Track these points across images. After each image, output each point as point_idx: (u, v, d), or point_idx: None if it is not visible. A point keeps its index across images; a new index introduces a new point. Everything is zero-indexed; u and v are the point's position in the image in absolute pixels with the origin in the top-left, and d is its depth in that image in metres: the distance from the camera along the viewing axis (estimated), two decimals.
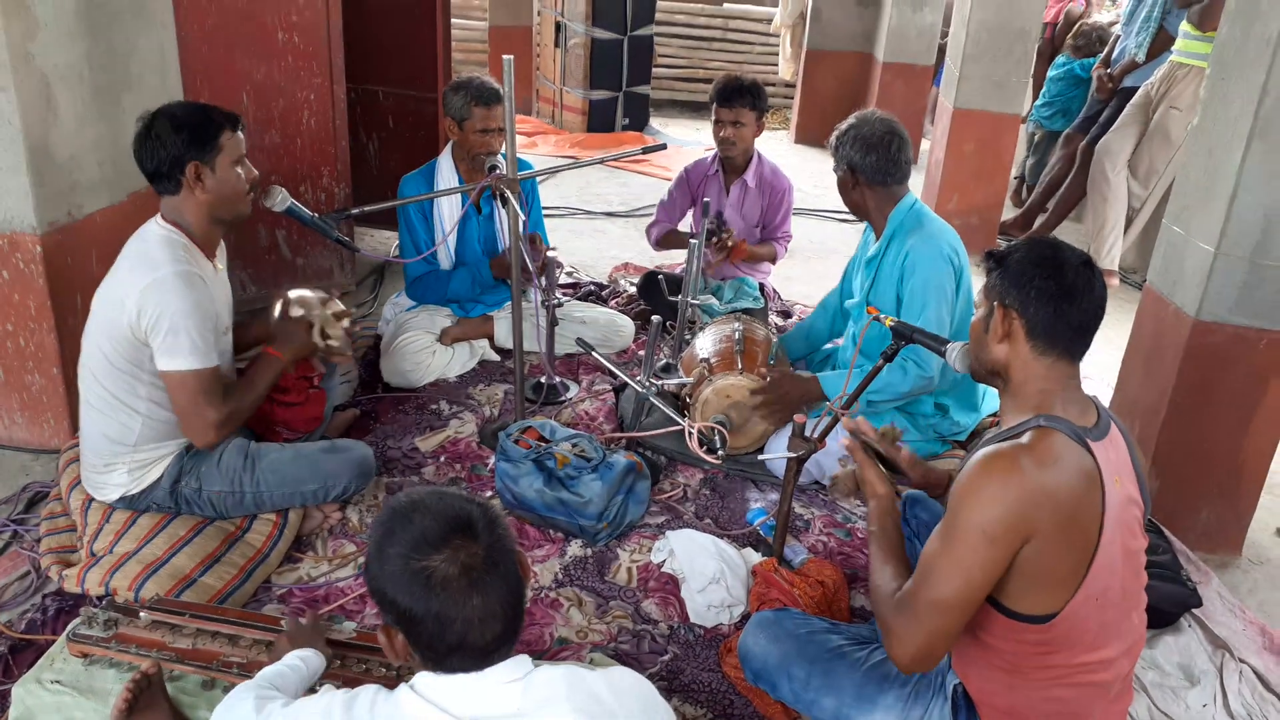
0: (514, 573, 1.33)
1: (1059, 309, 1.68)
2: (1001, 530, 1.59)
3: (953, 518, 1.65)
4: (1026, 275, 1.71)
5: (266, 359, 2.51)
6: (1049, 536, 1.60)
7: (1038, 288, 1.70)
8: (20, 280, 2.77)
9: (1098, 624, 1.68)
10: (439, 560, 1.27)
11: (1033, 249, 1.75)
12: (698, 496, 2.95)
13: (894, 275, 2.88)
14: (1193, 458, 2.91)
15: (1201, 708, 2.34)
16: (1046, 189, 5.97)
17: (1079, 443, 1.64)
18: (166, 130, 2.29)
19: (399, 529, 1.31)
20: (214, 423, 2.36)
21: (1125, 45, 5.47)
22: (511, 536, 1.36)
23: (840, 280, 3.35)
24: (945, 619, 1.64)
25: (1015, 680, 1.75)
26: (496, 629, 1.30)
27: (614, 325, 3.82)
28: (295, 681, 1.64)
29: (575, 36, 7.58)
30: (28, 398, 2.92)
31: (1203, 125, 2.82)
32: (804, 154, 7.91)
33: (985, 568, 1.61)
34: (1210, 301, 2.75)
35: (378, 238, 4.99)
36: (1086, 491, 1.62)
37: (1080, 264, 1.70)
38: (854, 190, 2.94)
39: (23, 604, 2.34)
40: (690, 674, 2.26)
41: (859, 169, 2.88)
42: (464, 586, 1.27)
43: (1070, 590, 1.63)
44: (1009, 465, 1.61)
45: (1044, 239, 1.78)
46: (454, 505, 1.33)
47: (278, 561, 2.51)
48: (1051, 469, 1.60)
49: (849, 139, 2.88)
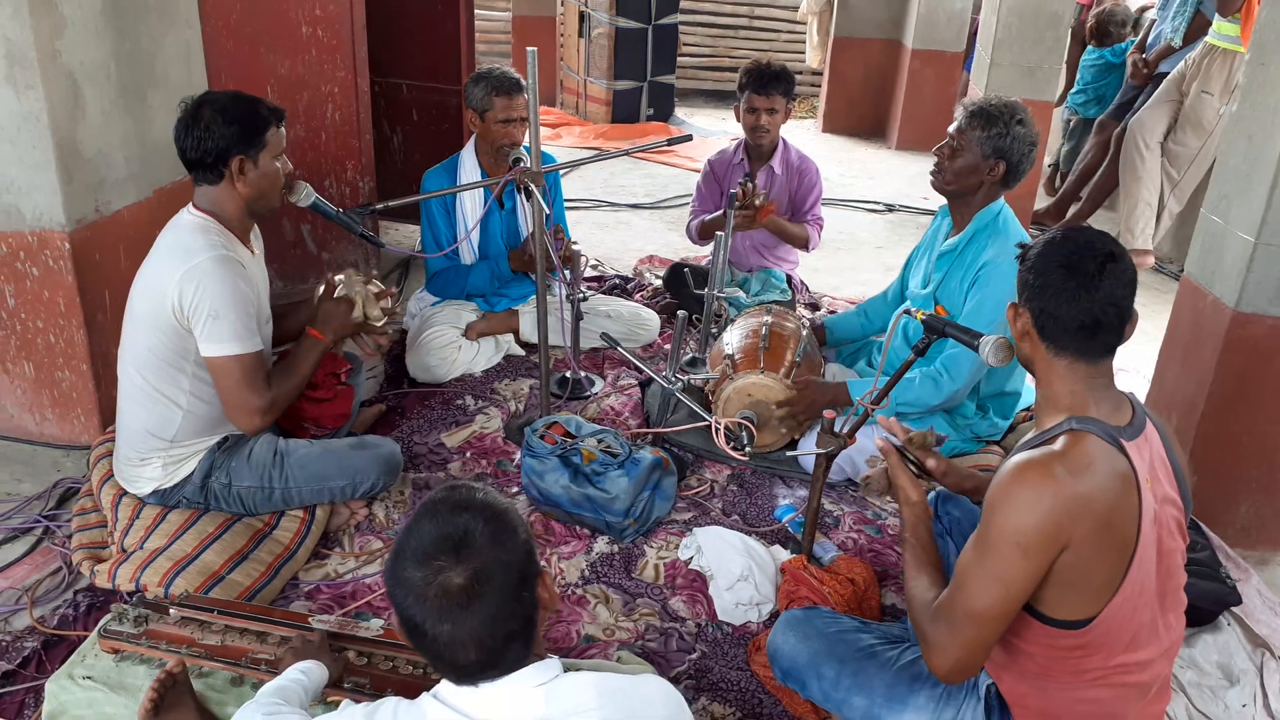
0: (504, 600, 1.26)
1: (1060, 309, 1.63)
2: (1037, 540, 1.55)
3: (986, 528, 1.61)
4: (1035, 271, 1.67)
5: (308, 340, 2.52)
6: (1085, 544, 1.56)
7: (1041, 285, 1.65)
8: (50, 277, 2.79)
9: (1134, 626, 1.65)
10: (421, 575, 1.25)
11: (1049, 243, 1.69)
12: (725, 493, 2.93)
13: (966, 278, 2.75)
14: (1231, 452, 2.85)
15: (1241, 708, 2.30)
16: (1080, 176, 5.88)
17: (1113, 444, 1.60)
18: (216, 121, 2.29)
19: (413, 528, 1.30)
20: (259, 408, 2.37)
21: (1161, 30, 5.35)
22: (517, 552, 1.29)
23: (902, 269, 3.21)
24: (982, 630, 1.61)
25: (1048, 683, 1.72)
26: (470, 655, 1.26)
27: (639, 319, 3.80)
28: (300, 694, 1.64)
29: (599, 26, 7.54)
30: (58, 394, 2.94)
31: (1242, 111, 2.75)
32: (832, 143, 7.84)
33: (1021, 578, 1.58)
34: (1250, 293, 2.68)
35: (402, 232, 4.99)
36: (1122, 495, 1.58)
37: (1093, 260, 1.62)
38: (982, 176, 2.70)
39: (55, 600, 2.37)
40: (718, 672, 2.25)
41: (1010, 163, 2.67)
42: (435, 610, 1.25)
43: (1107, 595, 1.60)
44: (1042, 474, 1.57)
45: (1069, 231, 1.71)
46: (457, 520, 1.28)
47: (305, 558, 2.52)
48: (1085, 475, 1.56)
49: (1016, 131, 2.64)
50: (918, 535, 1.84)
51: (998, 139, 2.66)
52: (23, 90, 2.58)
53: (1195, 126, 4.84)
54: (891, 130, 7.79)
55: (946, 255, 2.86)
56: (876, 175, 6.92)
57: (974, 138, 2.68)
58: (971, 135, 2.68)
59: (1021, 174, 2.72)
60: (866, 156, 7.50)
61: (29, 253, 2.76)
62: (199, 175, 2.36)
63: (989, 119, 2.66)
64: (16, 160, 2.66)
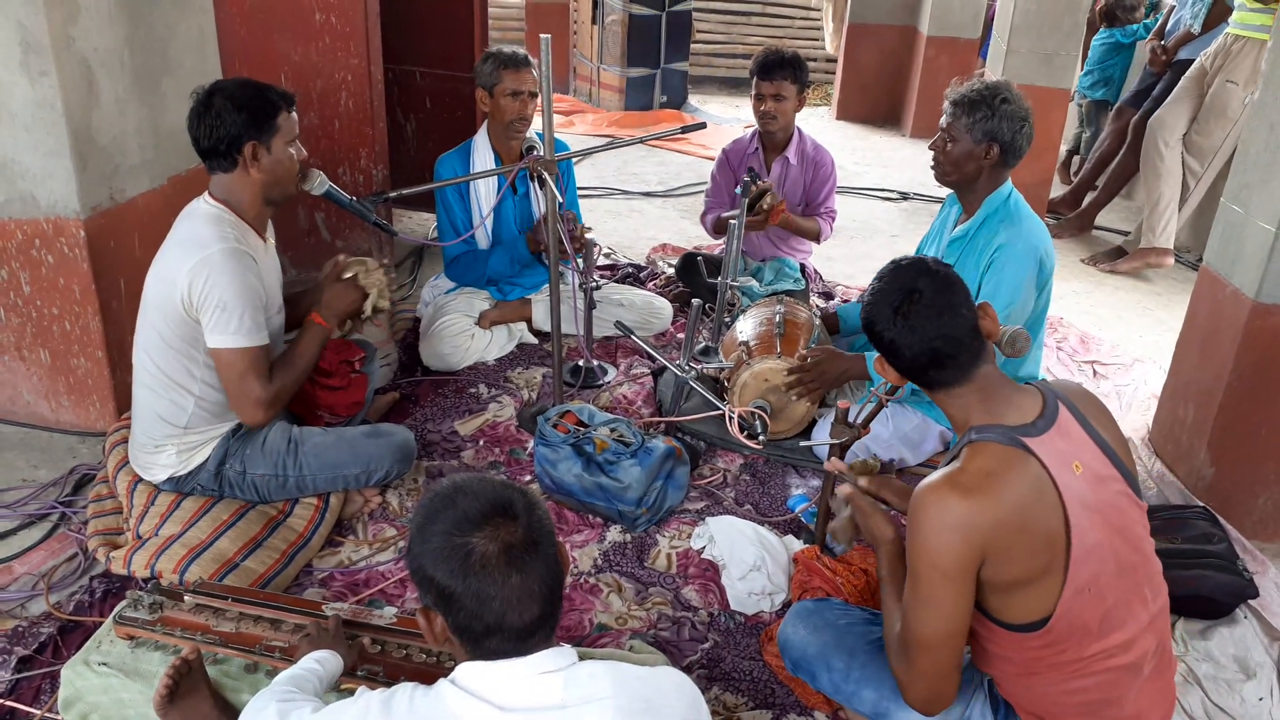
0: (553, 555, 1.33)
1: (899, 356, 1.72)
2: (950, 560, 1.57)
3: (910, 556, 1.64)
4: (870, 321, 1.75)
5: (311, 328, 2.51)
6: (1003, 551, 1.57)
7: (879, 334, 1.74)
8: (65, 264, 2.79)
9: (1100, 612, 1.64)
10: (480, 538, 1.28)
11: (872, 291, 1.76)
12: (738, 482, 2.92)
13: (979, 263, 2.73)
14: (1250, 443, 2.82)
15: (1258, 701, 2.28)
16: (1096, 165, 5.82)
17: (1014, 444, 1.60)
18: (227, 108, 2.28)
19: (442, 509, 1.32)
20: (262, 401, 2.37)
21: (1180, 16, 5.29)
22: (550, 521, 1.37)
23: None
24: (934, 656, 1.64)
25: (1033, 682, 1.73)
26: (534, 610, 1.29)
27: (652, 307, 3.79)
28: (314, 683, 1.65)
29: (613, 13, 7.51)
30: (74, 380, 2.95)
31: (1264, 100, 2.71)
32: (846, 130, 7.79)
33: (951, 599, 1.60)
34: (1270, 283, 2.66)
35: (416, 219, 4.99)
36: (1032, 493, 1.58)
37: (901, 301, 1.69)
38: (979, 161, 2.69)
39: (71, 585, 2.38)
40: (731, 662, 2.24)
41: (1003, 144, 2.65)
42: (503, 564, 1.27)
43: (1055, 590, 1.60)
44: (939, 495, 1.59)
45: (888, 274, 1.75)
46: (495, 488, 1.35)
47: (319, 546, 2.52)
48: (985, 485, 1.58)
49: (1003, 112, 2.63)
50: (893, 570, 1.84)
51: (984, 122, 2.66)
52: (37, 77, 2.59)
53: (1219, 116, 4.79)
54: (906, 117, 7.74)
55: (957, 241, 2.84)
56: (891, 163, 6.87)
57: (962, 125, 2.69)
58: (960, 124, 2.70)
59: (1018, 150, 2.69)
60: (881, 144, 7.45)
61: (44, 240, 2.77)
62: (213, 164, 2.35)
63: (972, 105, 2.68)
64: (31, 148, 2.67)
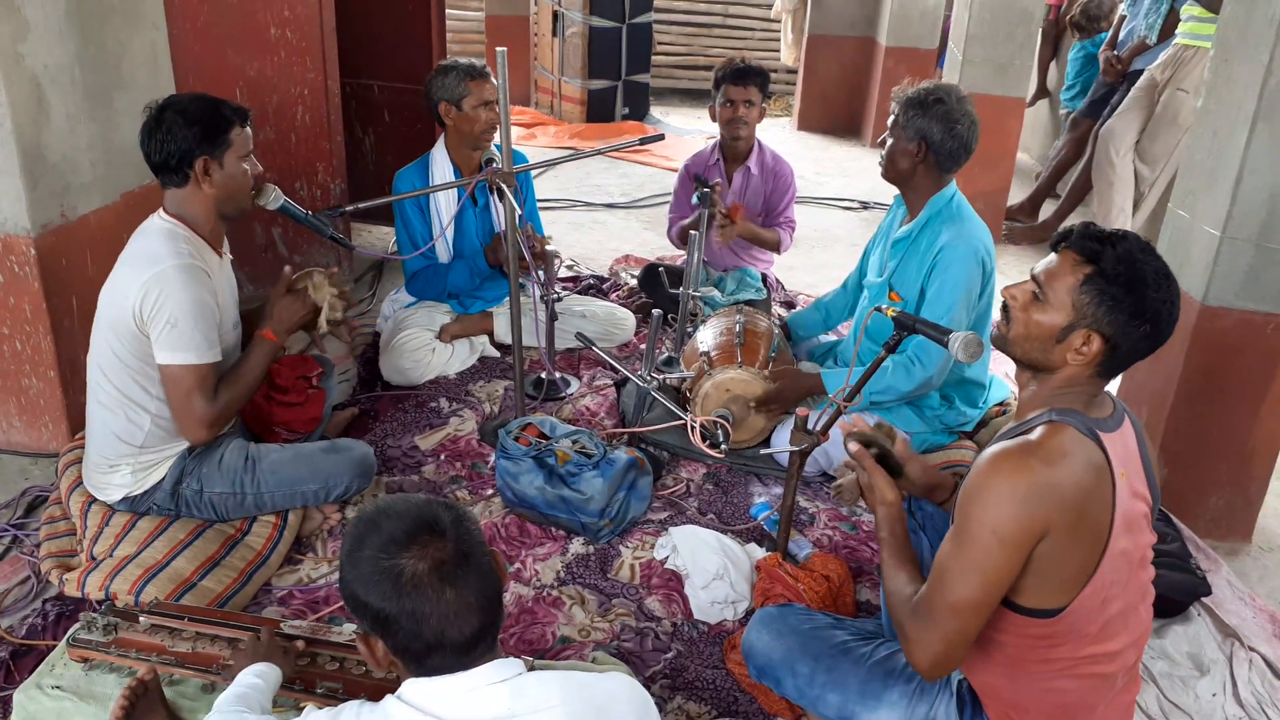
0: (487, 565, 1.32)
1: (1136, 347, 1.64)
2: (1014, 530, 1.56)
3: (964, 519, 1.62)
4: (1122, 303, 1.61)
5: (260, 343, 2.47)
6: (1061, 533, 1.57)
7: (1130, 321, 1.61)
8: (15, 283, 2.75)
9: (1104, 617, 1.66)
10: (408, 558, 1.27)
11: (1133, 266, 1.61)
12: (700, 491, 2.93)
13: (923, 264, 2.78)
14: (1201, 444, 2.88)
15: (1211, 697, 2.32)
16: (1054, 172, 5.93)
17: (1090, 436, 1.61)
18: (178, 124, 2.26)
19: (367, 533, 1.31)
20: (206, 419, 2.34)
21: (1134, 26, 5.39)
22: (480, 532, 1.36)
23: (860, 258, 3.24)
24: (963, 622, 1.62)
25: (1018, 673, 1.73)
26: (474, 622, 1.29)
27: (614, 319, 3.80)
28: (259, 699, 1.63)
29: (573, 25, 7.53)
30: (25, 401, 2.90)
31: (1207, 107, 2.78)
32: (807, 140, 7.87)
33: (1000, 568, 1.58)
34: (1217, 286, 2.72)
35: (375, 233, 4.96)
36: (1096, 486, 1.59)
37: (1172, 296, 1.62)
38: (913, 162, 2.75)
39: (23, 609, 2.33)
40: (694, 671, 2.25)
41: (934, 146, 2.71)
42: (435, 581, 1.27)
43: (1079, 585, 1.61)
44: (1017, 464, 1.58)
45: (1132, 246, 1.64)
46: (419, 507, 1.34)
47: (278, 563, 2.50)
48: (1060, 465, 1.57)
49: (935, 113, 2.69)
50: (894, 533, 1.84)
51: (916, 120, 2.72)
52: None
53: (1170, 124, 4.89)
54: (866, 127, 7.82)
55: (901, 242, 2.88)
56: (851, 172, 6.94)
57: (899, 123, 2.76)
58: (898, 121, 2.77)
59: (948, 152, 2.72)
60: (841, 154, 7.52)
61: None
62: (166, 179, 2.33)
63: (909, 103, 2.74)
64: None
